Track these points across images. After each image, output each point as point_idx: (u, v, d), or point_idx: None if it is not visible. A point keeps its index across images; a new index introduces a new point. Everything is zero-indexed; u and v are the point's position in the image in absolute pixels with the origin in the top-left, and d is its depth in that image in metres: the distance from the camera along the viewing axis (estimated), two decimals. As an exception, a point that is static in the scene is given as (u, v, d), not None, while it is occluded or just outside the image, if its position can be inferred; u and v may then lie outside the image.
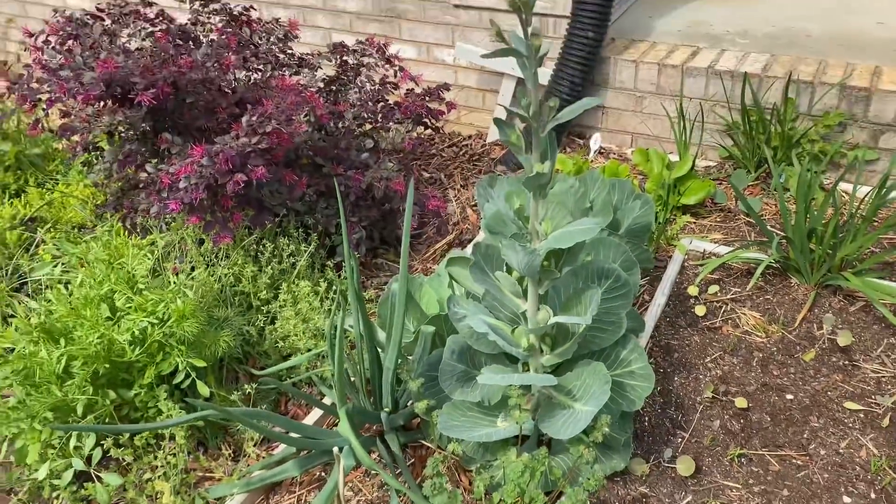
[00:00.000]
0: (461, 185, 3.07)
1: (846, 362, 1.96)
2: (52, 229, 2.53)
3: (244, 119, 2.02)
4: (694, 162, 2.61)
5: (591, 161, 2.99)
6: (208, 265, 2.25)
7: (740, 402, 1.84)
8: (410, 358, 1.76)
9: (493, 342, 1.44)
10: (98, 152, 2.49)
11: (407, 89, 2.86)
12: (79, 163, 2.79)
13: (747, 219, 2.56)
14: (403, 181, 2.39)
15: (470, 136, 3.43)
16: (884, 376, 1.91)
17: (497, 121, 1.32)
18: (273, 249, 2.19)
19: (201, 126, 2.15)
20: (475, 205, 2.92)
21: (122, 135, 2.38)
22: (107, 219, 2.55)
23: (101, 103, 2.04)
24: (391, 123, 2.69)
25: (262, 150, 1.97)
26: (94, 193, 2.75)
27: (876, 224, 2.44)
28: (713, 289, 2.20)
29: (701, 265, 2.33)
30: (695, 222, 2.58)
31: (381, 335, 1.84)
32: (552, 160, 1.33)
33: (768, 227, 2.43)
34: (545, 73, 3.01)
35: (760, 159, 2.72)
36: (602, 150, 3.06)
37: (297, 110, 2.07)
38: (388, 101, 2.78)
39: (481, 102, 3.35)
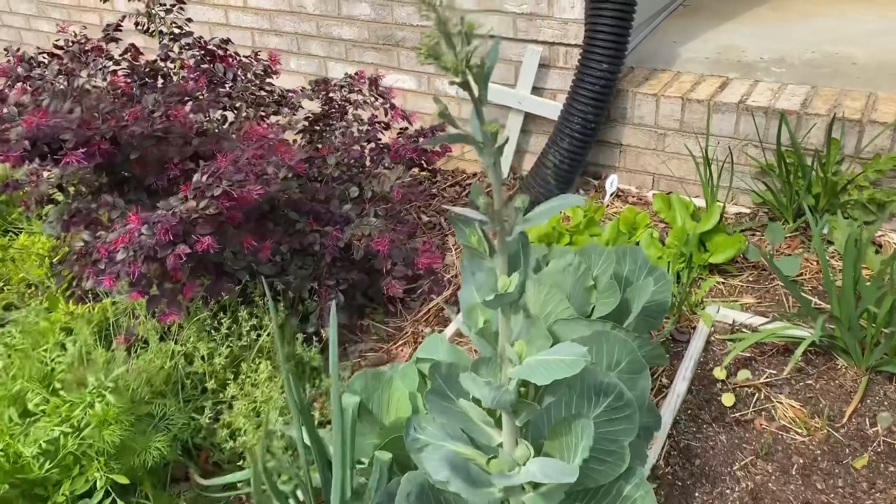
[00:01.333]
0: (462, 231, 2.77)
1: (907, 472, 1.62)
2: (2, 290, 2.29)
3: (194, 178, 1.75)
4: (722, 214, 2.28)
5: (607, 205, 2.68)
6: (163, 337, 1.98)
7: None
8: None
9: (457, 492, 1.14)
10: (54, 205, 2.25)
11: (400, 128, 2.58)
12: (36, 216, 2.56)
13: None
14: (388, 238, 2.11)
15: (475, 174, 3.13)
16: (955, 494, 1.56)
17: (453, 216, 1.03)
18: (231, 325, 1.91)
19: (151, 184, 1.89)
20: (476, 255, 2.62)
21: (75, 189, 2.13)
22: (64, 276, 2.30)
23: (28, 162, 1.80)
24: (380, 168, 2.41)
25: (211, 215, 1.70)
26: (57, 246, 2.51)
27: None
28: (743, 374, 1.87)
29: (730, 340, 1.99)
30: (723, 282, 2.25)
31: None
32: (524, 270, 1.03)
33: (808, 297, 2.09)
34: (555, 108, 2.71)
35: (800, 207, 2.38)
36: (619, 193, 2.75)
37: (257, 165, 1.80)
38: (378, 140, 2.50)
39: (487, 137, 3.05)
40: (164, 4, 2.46)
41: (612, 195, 2.70)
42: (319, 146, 2.51)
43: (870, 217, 2.35)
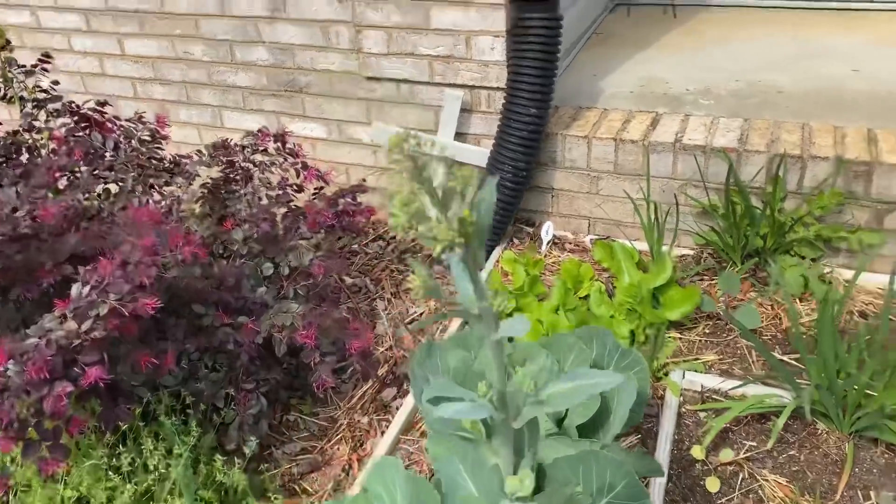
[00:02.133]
0: (392, 294, 2.53)
1: (913, 554, 1.48)
2: None
3: (73, 291, 1.42)
4: (675, 267, 2.13)
5: (545, 255, 2.49)
6: (51, 477, 1.63)
7: None
8: None
9: None
10: None
11: (315, 188, 2.31)
12: None
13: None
14: (314, 328, 1.83)
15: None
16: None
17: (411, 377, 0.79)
18: (132, 460, 1.58)
19: (19, 296, 1.54)
20: (411, 321, 2.38)
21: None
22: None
23: None
24: (296, 240, 2.12)
25: (99, 339, 1.38)
26: None
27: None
28: (726, 454, 1.70)
29: (703, 411, 1.83)
30: (680, 337, 2.10)
31: None
32: (531, 458, 0.80)
33: (771, 348, 1.97)
34: (482, 154, 2.50)
35: (748, 248, 2.26)
36: (556, 240, 2.57)
37: (151, 268, 1.48)
38: (291, 205, 2.21)
39: (407, 186, 2.81)
40: (24, 66, 2.10)
41: (548, 244, 2.52)
42: (224, 214, 2.21)
43: (817, 254, 2.26)
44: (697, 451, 1.71)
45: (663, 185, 2.37)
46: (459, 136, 2.56)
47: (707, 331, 2.12)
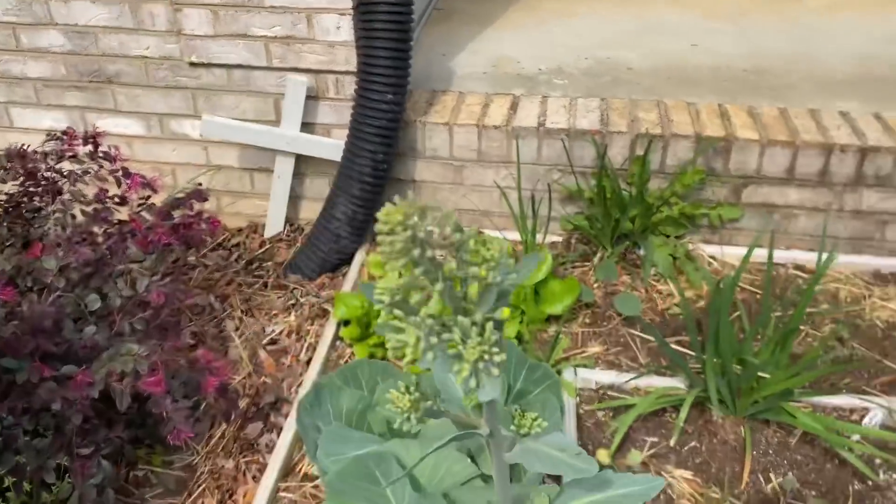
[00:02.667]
0: (242, 311, 2.23)
1: (820, 534, 1.49)
2: None
3: None
4: (556, 260, 2.03)
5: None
6: None
7: None
8: None
9: None
10: None
11: (141, 198, 1.96)
12: None
13: (623, 316, 2.04)
14: (161, 372, 1.52)
15: (241, 231, 2.57)
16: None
17: None
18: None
19: None
20: (270, 342, 2.11)
21: None
22: None
23: None
24: (123, 263, 1.77)
25: None
26: None
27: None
28: (635, 456, 1.63)
29: (600, 410, 1.75)
30: (563, 331, 2.01)
31: None
32: None
33: (657, 332, 1.93)
34: (335, 146, 2.26)
35: (617, 230, 2.22)
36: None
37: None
38: (114, 221, 1.86)
39: (249, 185, 2.51)
40: None
41: (413, 241, 2.34)
42: (28, 238, 1.82)
43: (680, 231, 2.27)
44: (604, 456, 1.63)
45: (530, 171, 2.26)
46: (306, 126, 2.30)
47: (588, 321, 2.05)
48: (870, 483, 1.57)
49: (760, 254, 2.01)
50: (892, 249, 2.23)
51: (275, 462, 1.66)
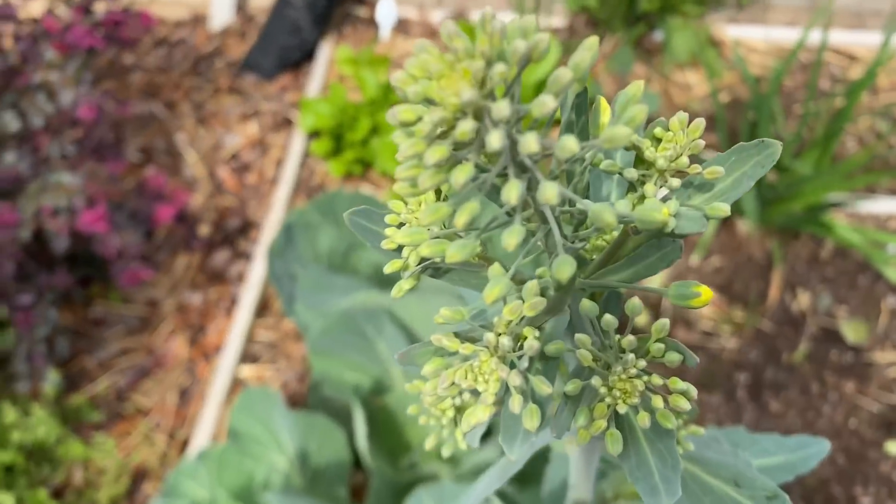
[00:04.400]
0: (197, 119, 1.93)
1: (849, 355, 1.37)
2: None
3: None
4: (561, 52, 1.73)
5: (389, 46, 1.98)
6: None
7: None
8: None
9: None
10: None
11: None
12: None
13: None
14: (103, 207, 1.27)
15: (182, 24, 2.18)
16: (906, 370, 1.36)
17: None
18: None
19: None
20: (231, 156, 1.84)
21: None
22: None
23: None
24: (42, 72, 1.45)
25: None
26: None
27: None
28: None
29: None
30: (565, 134, 1.76)
31: None
32: None
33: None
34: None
35: (630, 14, 1.89)
36: (403, 24, 2.04)
37: None
38: (19, 21, 1.50)
39: (186, -34, 2.09)
40: None
41: (392, 31, 2.00)
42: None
43: (702, 12, 1.94)
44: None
45: (525, -61, 1.88)
46: None
47: (593, 122, 1.79)
48: (904, 296, 1.44)
49: (788, 37, 1.72)
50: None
51: (248, 298, 1.47)
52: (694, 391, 0.31)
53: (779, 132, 1.59)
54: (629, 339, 0.32)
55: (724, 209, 0.31)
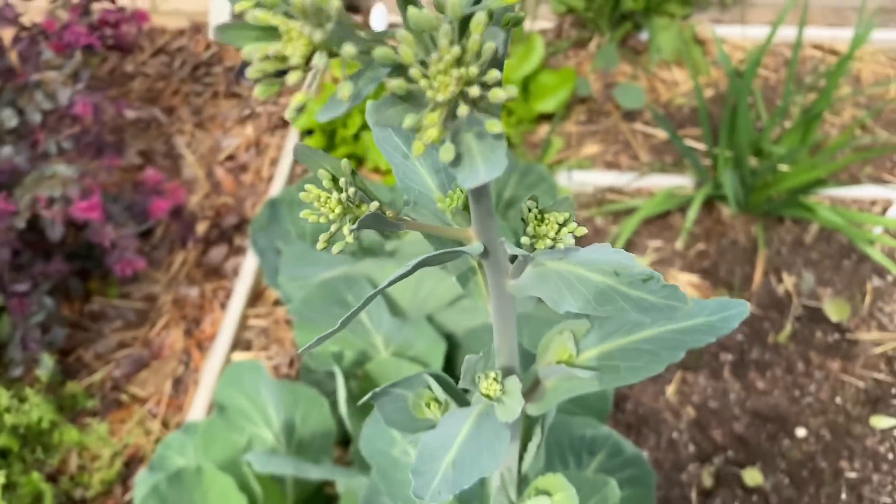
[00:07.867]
0: (194, 124, 1.98)
1: (835, 335, 1.39)
2: None
3: None
4: (546, 48, 1.77)
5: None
6: None
7: (751, 477, 1.20)
8: None
9: None
10: None
11: (52, -8, 1.63)
12: None
13: (622, 111, 1.82)
14: (97, 196, 1.31)
15: (182, 33, 2.24)
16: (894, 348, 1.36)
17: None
18: None
19: None
20: (228, 157, 1.89)
21: None
22: None
23: None
24: (39, 71, 1.50)
25: None
26: None
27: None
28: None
29: (600, 215, 1.58)
30: (556, 130, 1.80)
31: None
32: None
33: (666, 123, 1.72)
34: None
35: (618, 9, 1.93)
36: (391, 28, 2.08)
37: None
38: (20, 22, 1.55)
39: (185, -23, 2.15)
40: None
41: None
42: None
43: (687, 11, 1.99)
44: (604, 265, 1.48)
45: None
46: None
47: (583, 118, 1.83)
48: (889, 278, 1.45)
49: (775, 35, 1.75)
50: (921, 22, 1.98)
51: (241, 288, 1.50)
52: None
53: (758, 118, 1.61)
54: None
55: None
